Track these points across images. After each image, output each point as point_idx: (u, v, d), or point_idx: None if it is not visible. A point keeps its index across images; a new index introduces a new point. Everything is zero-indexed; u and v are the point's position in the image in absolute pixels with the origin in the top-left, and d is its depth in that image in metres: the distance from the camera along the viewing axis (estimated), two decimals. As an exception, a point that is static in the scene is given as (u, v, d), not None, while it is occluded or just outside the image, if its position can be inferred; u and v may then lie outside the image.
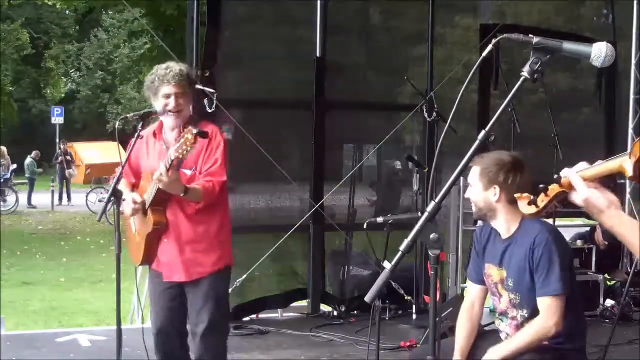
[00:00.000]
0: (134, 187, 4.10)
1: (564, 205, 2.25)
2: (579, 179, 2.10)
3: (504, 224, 3.43)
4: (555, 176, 2.16)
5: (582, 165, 2.14)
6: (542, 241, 3.29)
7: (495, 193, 3.38)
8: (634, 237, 2.10)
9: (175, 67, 3.97)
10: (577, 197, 2.11)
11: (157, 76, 3.92)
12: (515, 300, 3.39)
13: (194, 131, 3.57)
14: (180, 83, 3.90)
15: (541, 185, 2.18)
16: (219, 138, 3.96)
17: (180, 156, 3.60)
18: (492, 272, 3.49)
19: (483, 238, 3.57)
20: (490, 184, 3.38)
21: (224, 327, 4.26)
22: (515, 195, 2.26)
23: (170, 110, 3.89)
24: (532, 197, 2.21)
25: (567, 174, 2.12)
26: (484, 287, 3.58)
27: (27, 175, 22.24)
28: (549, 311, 3.25)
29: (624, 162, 2.04)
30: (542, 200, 2.18)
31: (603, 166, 2.10)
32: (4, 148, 21.33)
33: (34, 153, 22.88)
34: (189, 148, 3.57)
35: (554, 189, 2.16)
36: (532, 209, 2.20)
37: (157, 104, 3.93)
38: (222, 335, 4.21)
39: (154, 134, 4.03)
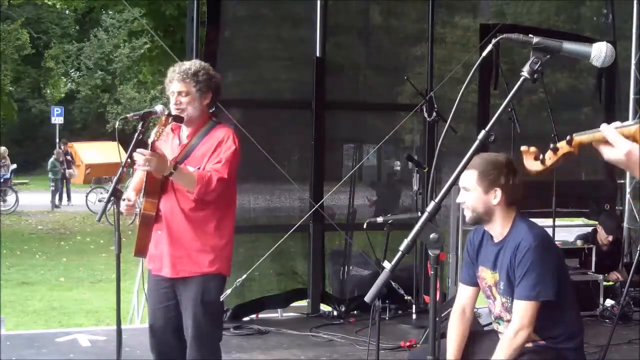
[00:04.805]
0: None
1: (567, 161, 2.20)
2: (617, 134, 2.06)
3: (498, 228, 3.43)
4: (568, 137, 2.14)
5: (617, 123, 2.10)
6: (524, 247, 3.27)
7: (496, 196, 3.37)
8: None
9: (186, 65, 3.91)
10: (615, 153, 2.04)
11: (170, 72, 3.92)
12: (507, 304, 3.39)
13: (166, 112, 3.73)
14: (183, 81, 3.84)
15: (552, 145, 2.15)
16: (230, 143, 3.87)
17: (156, 138, 3.68)
18: (486, 275, 3.49)
19: (476, 241, 3.57)
20: (491, 187, 3.37)
21: (213, 334, 4.01)
22: (522, 148, 2.24)
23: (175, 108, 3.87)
24: (539, 153, 2.18)
25: (605, 129, 2.09)
26: (476, 288, 3.57)
27: (50, 176, 21.71)
28: (518, 314, 3.25)
29: None
30: (549, 158, 2.15)
31: (636, 127, 2.07)
32: (4, 148, 21.33)
33: (55, 152, 22.48)
34: (161, 129, 3.68)
35: (563, 148, 2.14)
36: (538, 166, 2.17)
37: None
38: (211, 341, 3.99)
39: (173, 130, 4.00)
